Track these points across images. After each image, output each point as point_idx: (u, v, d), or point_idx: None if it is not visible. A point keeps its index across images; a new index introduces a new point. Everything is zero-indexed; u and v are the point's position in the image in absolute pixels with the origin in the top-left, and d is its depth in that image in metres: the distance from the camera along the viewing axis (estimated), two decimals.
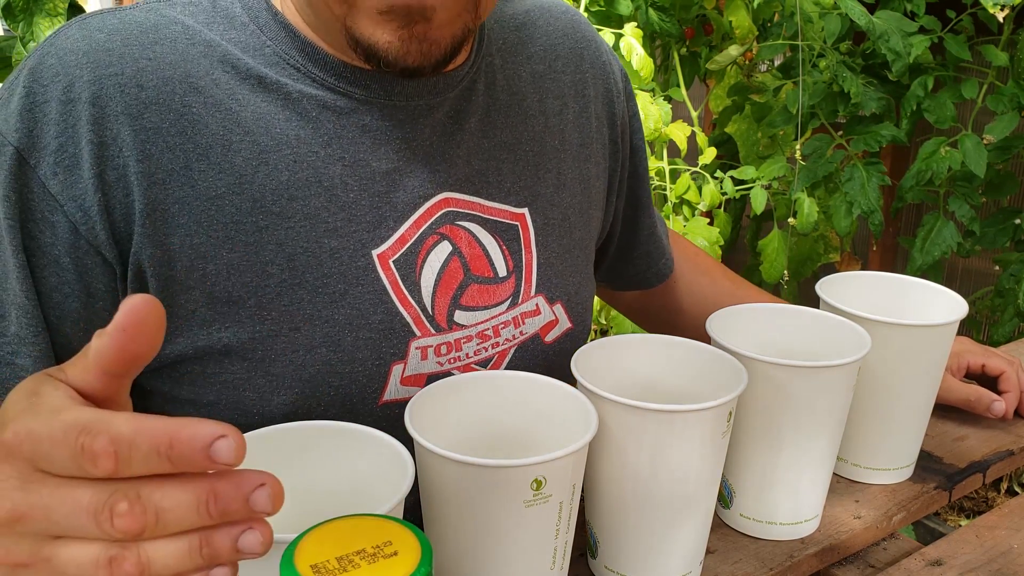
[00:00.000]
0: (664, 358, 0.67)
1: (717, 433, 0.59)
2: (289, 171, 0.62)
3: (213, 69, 0.61)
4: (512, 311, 0.72)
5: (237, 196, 0.60)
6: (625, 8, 1.74)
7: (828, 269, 1.33)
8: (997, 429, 0.89)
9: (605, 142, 0.81)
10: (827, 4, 1.75)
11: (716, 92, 2.02)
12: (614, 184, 0.85)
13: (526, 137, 0.73)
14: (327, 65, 0.63)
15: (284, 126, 0.62)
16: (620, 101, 0.83)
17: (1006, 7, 1.56)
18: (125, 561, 0.34)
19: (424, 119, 0.67)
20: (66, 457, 0.34)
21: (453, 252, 0.68)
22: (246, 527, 0.34)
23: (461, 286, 0.69)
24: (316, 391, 0.63)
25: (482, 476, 0.50)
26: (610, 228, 0.88)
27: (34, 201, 0.57)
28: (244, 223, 0.61)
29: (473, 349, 0.69)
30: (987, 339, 2.08)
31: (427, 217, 0.67)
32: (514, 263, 0.72)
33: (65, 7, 1.26)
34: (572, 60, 0.78)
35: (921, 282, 0.82)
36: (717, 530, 0.71)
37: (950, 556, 0.70)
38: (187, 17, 0.62)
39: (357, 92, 0.64)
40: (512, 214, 0.72)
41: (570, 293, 0.76)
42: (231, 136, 0.61)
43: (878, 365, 0.73)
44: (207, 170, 0.60)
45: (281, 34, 0.63)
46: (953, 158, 1.67)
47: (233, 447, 0.33)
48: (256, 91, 0.62)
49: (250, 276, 0.61)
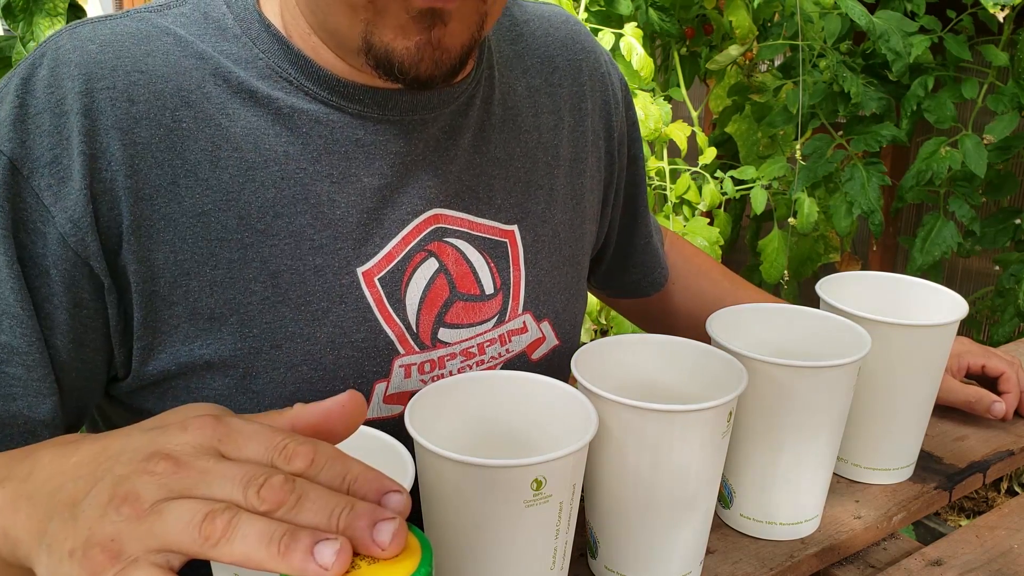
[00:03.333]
0: (664, 358, 0.67)
1: (717, 433, 0.59)
2: (276, 188, 0.62)
3: (205, 82, 0.61)
4: (498, 328, 0.71)
5: (223, 213, 0.60)
6: (625, 8, 1.74)
7: (828, 269, 1.33)
8: (997, 429, 0.89)
9: (600, 155, 0.81)
10: (827, 4, 1.75)
11: (716, 92, 2.02)
12: (609, 196, 0.84)
13: (518, 153, 0.73)
14: (320, 79, 0.63)
15: (273, 142, 0.62)
16: (618, 112, 0.82)
17: (1006, 7, 1.56)
18: (218, 517, 0.35)
19: (418, 134, 0.66)
20: (258, 450, 0.38)
21: (439, 269, 0.68)
22: (321, 539, 0.35)
23: (446, 303, 0.68)
24: None
25: (482, 476, 0.50)
26: (606, 237, 0.88)
27: (27, 211, 0.56)
28: (229, 240, 0.60)
29: (457, 367, 0.69)
30: (987, 339, 2.08)
31: (416, 233, 0.67)
32: (502, 280, 0.71)
33: (65, 7, 1.26)
34: (570, 72, 0.78)
35: (921, 282, 0.82)
36: (717, 530, 0.71)
37: (950, 556, 0.70)
38: (179, 28, 0.62)
39: (351, 107, 0.64)
40: (501, 231, 0.71)
41: (558, 310, 0.76)
42: (219, 152, 0.60)
43: (878, 365, 0.73)
44: (194, 186, 0.59)
45: (274, 46, 0.62)
46: (953, 158, 1.67)
47: (403, 502, 0.37)
48: (247, 105, 0.61)
49: (233, 293, 0.61)
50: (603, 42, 1.68)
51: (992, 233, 1.80)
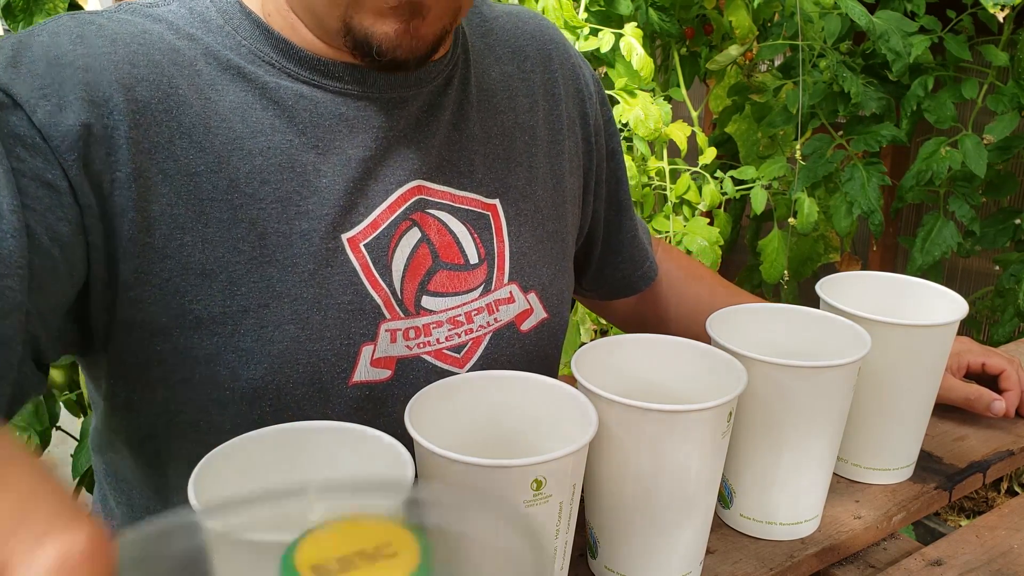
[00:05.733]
0: (664, 358, 0.67)
1: (717, 433, 0.59)
2: (263, 156, 0.64)
3: (196, 60, 0.64)
4: (485, 298, 0.73)
5: (214, 175, 0.63)
6: (625, 8, 1.74)
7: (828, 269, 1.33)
8: (997, 429, 0.89)
9: (578, 140, 0.83)
10: (827, 4, 1.75)
11: (716, 92, 2.02)
12: (590, 184, 0.86)
13: (496, 132, 0.76)
14: (301, 60, 0.66)
15: (260, 115, 0.65)
16: (592, 103, 0.85)
17: (1006, 7, 1.56)
18: None
19: (399, 111, 0.69)
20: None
21: (422, 239, 0.70)
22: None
23: (429, 272, 0.71)
24: (284, 367, 0.65)
25: (482, 476, 0.50)
26: (591, 232, 0.90)
27: (20, 129, 0.56)
28: (219, 201, 0.63)
29: (444, 335, 0.71)
30: (987, 339, 2.08)
31: (400, 203, 0.69)
32: (486, 251, 0.74)
33: (65, 7, 1.26)
34: (540, 61, 0.81)
35: (921, 282, 0.82)
36: (717, 530, 0.71)
37: (950, 556, 0.70)
38: (169, 16, 0.66)
39: (332, 84, 0.67)
40: (483, 204, 0.74)
41: (544, 283, 0.78)
42: (210, 121, 0.63)
43: (878, 365, 0.73)
44: (188, 148, 0.62)
45: (255, 32, 0.66)
46: (953, 158, 1.67)
47: None
48: (235, 81, 0.65)
49: (222, 251, 0.63)
50: (603, 42, 1.68)
51: (992, 233, 1.80)
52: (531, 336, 0.76)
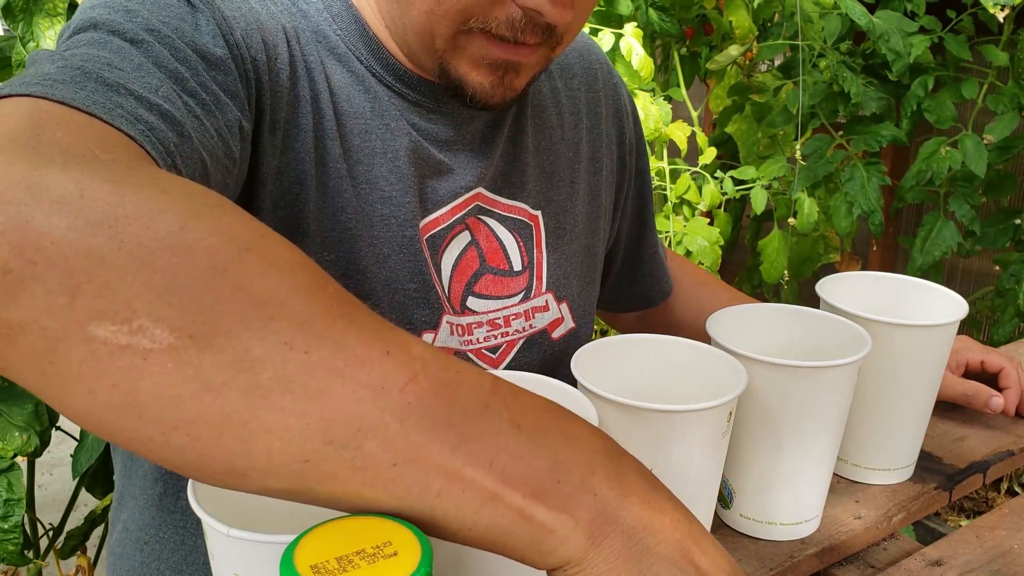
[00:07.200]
0: (664, 358, 0.67)
1: (717, 433, 0.59)
2: (360, 138, 0.67)
3: (311, 36, 0.67)
4: (524, 304, 0.76)
5: (331, 142, 0.66)
6: (625, 8, 1.74)
7: (828, 269, 1.33)
8: (997, 429, 0.89)
9: (614, 158, 0.86)
10: (827, 4, 1.75)
11: (716, 92, 2.02)
12: (619, 201, 0.88)
13: (544, 146, 0.79)
14: (388, 66, 0.69)
15: (360, 98, 0.68)
16: (628, 122, 0.88)
17: (1006, 7, 1.56)
18: None
19: (467, 126, 0.73)
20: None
21: (471, 243, 0.74)
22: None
23: (476, 274, 0.74)
24: None
25: None
26: (614, 247, 0.91)
27: (223, 22, 0.58)
28: (333, 168, 0.66)
29: (483, 335, 0.74)
30: (987, 339, 2.08)
31: (463, 207, 0.73)
32: (528, 259, 0.77)
33: (65, 7, 1.26)
34: (586, 79, 0.84)
35: (921, 282, 0.82)
36: (717, 530, 0.71)
37: (950, 556, 0.70)
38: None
39: (410, 94, 0.70)
40: (529, 214, 0.78)
41: (574, 295, 0.80)
42: (326, 94, 0.66)
43: (878, 365, 0.73)
44: (314, 112, 0.65)
45: (352, 26, 0.68)
46: (953, 158, 1.67)
47: None
48: (339, 64, 0.67)
49: (325, 216, 0.66)
50: (603, 42, 1.68)
51: (992, 233, 1.80)
52: (559, 344, 0.79)
